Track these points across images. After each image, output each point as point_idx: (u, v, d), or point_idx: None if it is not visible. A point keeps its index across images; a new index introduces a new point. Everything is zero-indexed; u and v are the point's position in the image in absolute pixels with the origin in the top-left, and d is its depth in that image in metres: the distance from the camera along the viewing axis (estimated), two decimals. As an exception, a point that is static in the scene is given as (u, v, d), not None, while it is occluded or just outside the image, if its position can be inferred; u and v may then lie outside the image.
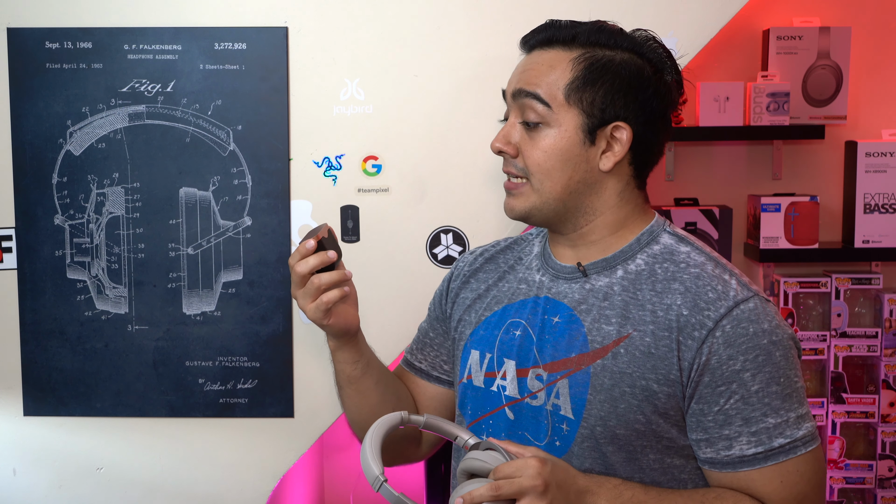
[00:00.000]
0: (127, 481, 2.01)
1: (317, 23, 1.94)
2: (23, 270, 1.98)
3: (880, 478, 2.32)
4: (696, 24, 1.92)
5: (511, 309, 1.44)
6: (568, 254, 1.43)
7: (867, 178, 2.29)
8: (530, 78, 1.38)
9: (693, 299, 1.30)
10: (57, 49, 1.94)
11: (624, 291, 1.36)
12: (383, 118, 1.94)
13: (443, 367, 1.55)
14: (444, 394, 1.56)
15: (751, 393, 1.27)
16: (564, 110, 1.36)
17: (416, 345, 1.60)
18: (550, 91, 1.37)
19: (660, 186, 2.37)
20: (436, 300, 1.60)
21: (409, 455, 1.58)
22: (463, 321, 1.50)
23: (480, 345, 1.45)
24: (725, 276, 1.33)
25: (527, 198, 1.39)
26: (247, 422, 1.99)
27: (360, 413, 1.51)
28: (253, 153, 1.95)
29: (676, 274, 1.34)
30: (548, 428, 1.36)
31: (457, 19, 1.91)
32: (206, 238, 1.96)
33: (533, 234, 1.54)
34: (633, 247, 1.39)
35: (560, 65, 1.37)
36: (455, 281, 1.56)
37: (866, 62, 2.35)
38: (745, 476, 1.28)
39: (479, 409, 1.43)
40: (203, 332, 1.97)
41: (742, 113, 2.26)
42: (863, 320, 2.34)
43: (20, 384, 2.00)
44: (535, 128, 1.38)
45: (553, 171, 1.37)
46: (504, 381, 1.40)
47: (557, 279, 1.42)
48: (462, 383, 1.46)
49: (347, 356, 1.46)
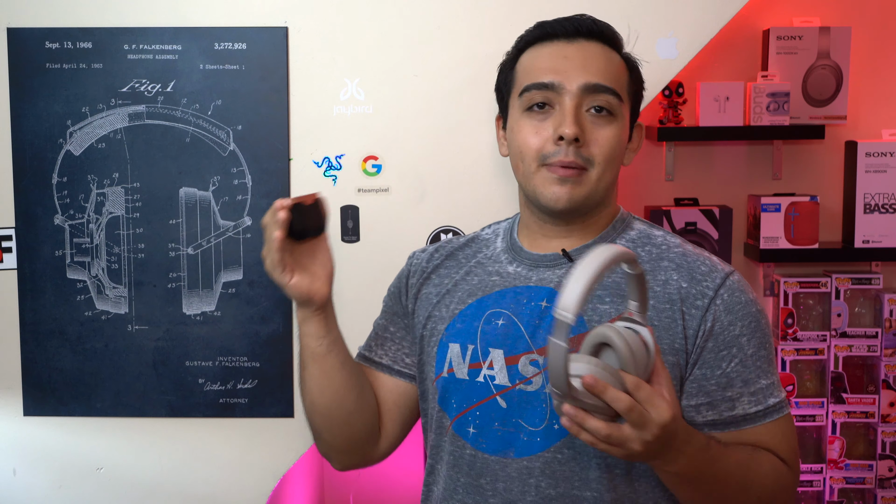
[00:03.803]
0: (127, 481, 2.01)
1: (317, 23, 1.94)
2: (23, 270, 1.98)
3: (880, 478, 2.32)
4: (696, 24, 1.92)
5: (488, 300, 1.44)
6: (550, 244, 1.44)
7: (867, 178, 2.29)
8: (603, 73, 1.39)
9: (689, 273, 1.37)
10: (57, 49, 1.94)
11: (613, 273, 1.39)
12: (383, 118, 1.94)
13: (404, 360, 1.53)
14: (406, 387, 1.53)
15: (747, 356, 1.35)
16: (625, 106, 1.42)
17: (375, 341, 1.56)
18: (620, 85, 1.41)
19: (660, 186, 2.37)
20: (392, 297, 1.57)
21: (368, 455, 1.54)
22: (433, 317, 1.48)
23: (460, 337, 1.44)
24: (704, 254, 1.41)
25: (585, 187, 1.39)
26: (247, 422, 1.99)
27: (322, 395, 1.45)
28: (253, 153, 1.95)
29: (662, 254, 1.41)
30: (546, 412, 1.36)
31: (457, 19, 1.91)
32: (206, 238, 1.96)
33: (489, 234, 1.54)
34: (610, 233, 1.45)
35: (616, 61, 1.42)
36: (413, 277, 1.54)
37: (866, 62, 2.35)
38: (751, 432, 1.35)
39: (464, 401, 1.41)
40: (203, 332, 1.97)
41: (742, 113, 2.26)
42: (863, 320, 2.34)
43: (20, 384, 2.00)
44: (608, 118, 1.39)
45: (614, 161, 1.41)
46: (492, 370, 1.40)
47: (537, 267, 1.43)
48: (442, 378, 1.44)
49: (313, 329, 1.42)
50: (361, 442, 1.51)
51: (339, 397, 1.45)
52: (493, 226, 1.56)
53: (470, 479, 1.40)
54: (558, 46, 1.41)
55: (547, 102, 1.39)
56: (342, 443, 1.50)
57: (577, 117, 1.37)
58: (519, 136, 1.41)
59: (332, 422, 1.47)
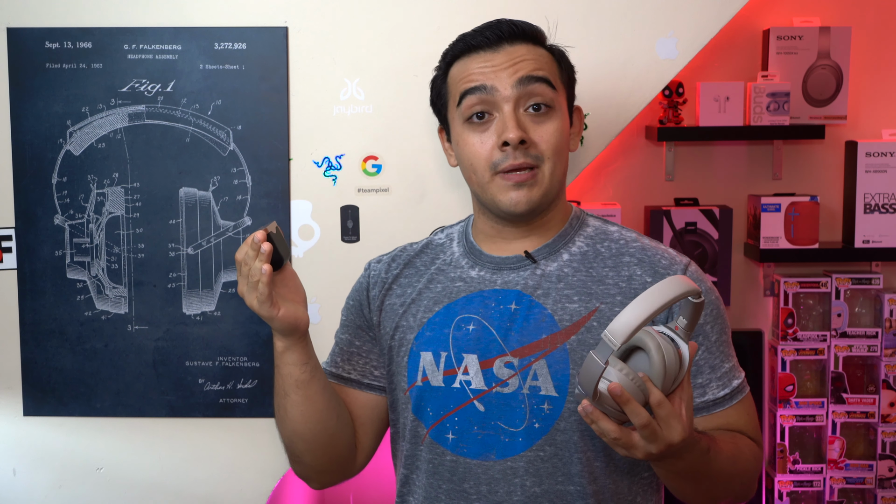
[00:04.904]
0: (127, 481, 2.01)
1: (317, 23, 1.94)
2: (23, 270, 1.98)
3: (880, 478, 2.32)
4: (696, 24, 1.92)
5: (455, 306, 1.44)
6: (510, 246, 1.46)
7: (867, 178, 2.28)
8: (529, 66, 1.41)
9: (651, 267, 1.41)
10: (57, 49, 1.94)
11: (577, 272, 1.42)
12: (383, 118, 1.94)
13: (373, 373, 1.52)
14: (377, 400, 1.53)
15: (712, 343, 1.41)
16: (561, 95, 1.44)
17: (341, 356, 1.54)
18: (552, 75, 1.43)
19: (660, 186, 2.37)
20: (353, 311, 1.55)
21: (348, 470, 1.53)
22: (401, 327, 1.48)
23: (431, 345, 1.44)
24: (661, 247, 1.46)
25: (540, 185, 1.41)
26: (247, 422, 1.99)
27: (306, 422, 1.44)
28: (253, 153, 1.95)
29: (621, 249, 1.44)
30: (525, 412, 1.37)
31: (457, 19, 1.91)
32: (206, 238, 1.96)
33: (442, 238, 1.54)
34: (568, 231, 1.47)
35: (543, 55, 1.44)
36: (374, 289, 1.53)
37: (866, 62, 2.35)
38: (721, 415, 1.41)
39: (441, 408, 1.42)
40: (203, 332, 1.97)
41: (742, 113, 2.26)
42: (863, 320, 2.34)
43: (20, 384, 2.00)
44: (546, 112, 1.41)
45: (562, 152, 1.43)
46: (467, 375, 1.40)
47: (501, 270, 1.45)
48: (416, 387, 1.44)
49: (296, 357, 1.40)
50: (342, 459, 1.50)
51: (322, 420, 1.44)
52: (445, 230, 1.57)
53: (452, 485, 1.41)
54: (485, 56, 1.43)
55: (486, 111, 1.41)
56: (325, 464, 1.49)
57: (518, 120, 1.39)
58: (466, 148, 1.43)
59: (315, 445, 1.46)
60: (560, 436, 1.37)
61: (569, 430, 1.37)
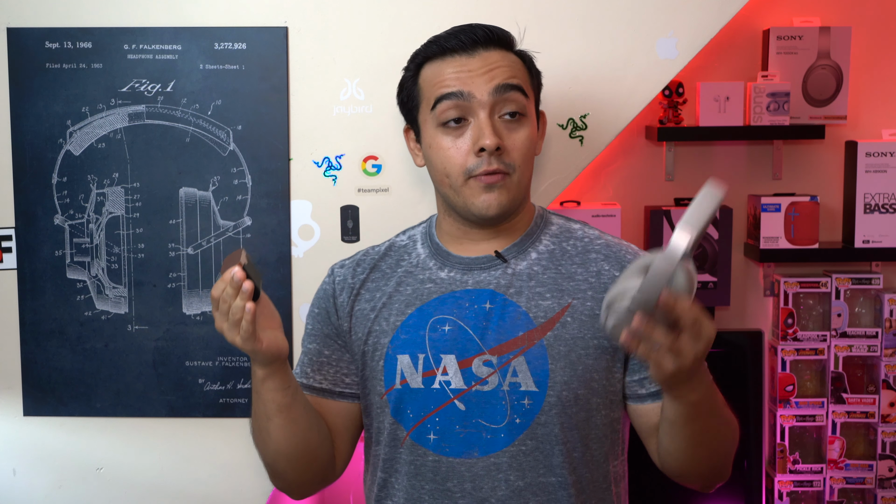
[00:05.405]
0: (127, 481, 2.01)
1: (317, 23, 1.94)
2: (23, 270, 1.98)
3: (880, 478, 2.32)
4: (696, 24, 1.92)
5: (429, 308, 1.45)
6: (478, 247, 1.47)
7: (867, 178, 2.28)
8: (505, 73, 1.43)
9: (617, 262, 1.45)
10: (57, 49, 1.94)
11: (546, 270, 1.45)
12: (383, 118, 1.94)
13: (344, 381, 1.51)
14: (350, 408, 1.52)
15: None
16: (531, 101, 1.47)
17: (311, 367, 1.52)
18: (525, 82, 1.45)
19: (660, 186, 2.37)
20: (320, 319, 1.53)
21: (328, 479, 1.52)
22: (374, 332, 1.47)
23: (407, 348, 1.44)
24: (623, 242, 1.50)
25: (510, 191, 1.43)
26: (247, 422, 1.98)
27: (290, 443, 1.43)
28: (253, 153, 1.95)
29: (587, 246, 1.48)
30: (506, 408, 1.40)
31: (457, 20, 1.91)
32: (206, 238, 1.96)
33: (405, 240, 1.54)
34: (534, 230, 1.49)
35: (515, 62, 1.46)
36: (341, 295, 1.51)
37: (866, 62, 2.35)
38: None
39: (422, 409, 1.42)
40: (203, 332, 1.97)
41: (742, 113, 2.26)
42: (863, 320, 2.34)
43: (20, 384, 2.00)
44: (518, 120, 1.43)
45: (530, 160, 1.46)
46: (446, 375, 1.42)
47: (471, 271, 1.46)
48: (395, 390, 1.44)
49: (278, 383, 1.39)
50: (324, 470, 1.50)
51: (305, 438, 1.44)
52: (407, 231, 1.57)
53: (436, 485, 1.42)
54: (461, 60, 1.44)
55: (462, 116, 1.42)
56: (306, 477, 1.49)
57: (494, 127, 1.40)
58: (440, 152, 1.43)
59: (297, 462, 1.45)
60: (541, 429, 1.40)
61: (549, 424, 1.40)
